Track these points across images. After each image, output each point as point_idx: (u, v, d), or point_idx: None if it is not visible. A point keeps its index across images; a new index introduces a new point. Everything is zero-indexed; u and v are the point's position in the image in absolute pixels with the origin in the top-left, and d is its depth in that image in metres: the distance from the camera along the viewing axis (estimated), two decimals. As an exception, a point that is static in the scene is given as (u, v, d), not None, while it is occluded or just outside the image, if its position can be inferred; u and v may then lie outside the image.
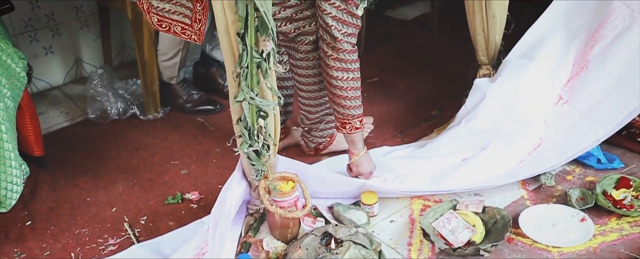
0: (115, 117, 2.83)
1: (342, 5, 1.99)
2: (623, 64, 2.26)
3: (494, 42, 2.56)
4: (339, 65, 2.08)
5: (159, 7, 2.11)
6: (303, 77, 2.31)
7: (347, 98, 2.14)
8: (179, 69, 2.82)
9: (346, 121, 2.18)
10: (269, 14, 1.65)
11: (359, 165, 2.26)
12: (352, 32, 2.04)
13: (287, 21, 2.14)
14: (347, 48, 2.05)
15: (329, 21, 2.01)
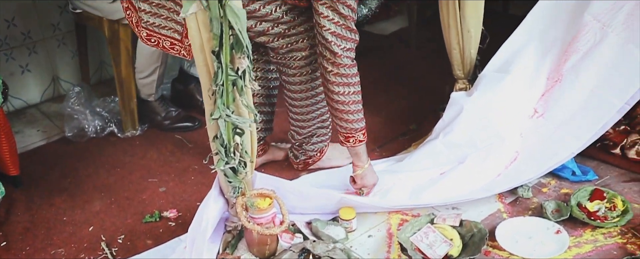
0: (93, 134, 2.82)
1: (340, 21, 2.00)
2: (595, 78, 2.30)
3: (470, 56, 2.59)
4: (340, 80, 2.08)
5: (148, 21, 2.10)
6: (295, 93, 2.32)
7: (350, 112, 2.14)
8: (157, 86, 2.81)
9: (350, 135, 2.19)
10: (243, 31, 1.66)
11: (364, 177, 2.26)
12: (350, 47, 2.05)
13: (279, 37, 2.16)
14: (347, 63, 2.06)
15: (328, 37, 2.01)
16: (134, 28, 2.17)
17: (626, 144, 2.42)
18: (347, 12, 1.98)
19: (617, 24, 2.27)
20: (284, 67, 2.26)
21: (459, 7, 2.49)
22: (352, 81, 2.09)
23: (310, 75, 2.27)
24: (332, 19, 1.99)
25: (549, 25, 2.46)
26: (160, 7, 2.06)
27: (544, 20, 2.48)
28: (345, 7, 1.97)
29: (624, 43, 2.25)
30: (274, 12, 2.08)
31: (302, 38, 2.18)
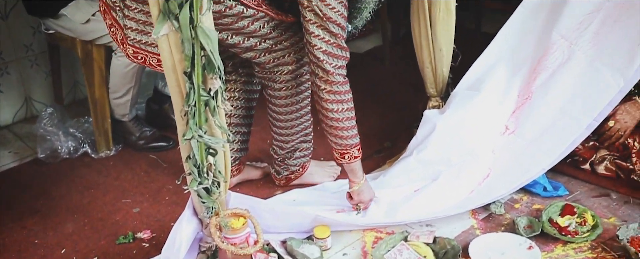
0: (66, 156, 2.79)
1: (331, 39, 2.02)
2: (564, 95, 2.34)
3: (442, 74, 2.63)
4: (334, 98, 2.09)
5: (135, 39, 2.09)
6: (280, 107, 2.34)
7: (344, 129, 2.16)
8: (131, 106, 2.80)
9: (344, 151, 2.20)
10: (215, 52, 1.67)
11: (361, 193, 2.28)
12: (342, 64, 2.07)
13: (266, 52, 2.18)
14: (339, 80, 2.07)
15: (320, 56, 2.03)
16: (119, 45, 2.17)
17: (595, 160, 2.46)
18: (337, 31, 2.01)
19: (584, 42, 2.32)
20: (270, 81, 2.28)
21: (430, 26, 2.53)
22: (345, 98, 2.11)
23: (295, 89, 2.30)
24: (323, 38, 2.01)
25: (519, 44, 2.51)
26: (147, 24, 2.06)
27: (513, 39, 2.53)
28: (335, 25, 2.00)
29: (590, 61, 2.30)
30: (262, 28, 2.11)
31: (288, 52, 2.20)
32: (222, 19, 2.05)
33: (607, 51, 2.28)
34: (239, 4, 2.03)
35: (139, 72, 2.66)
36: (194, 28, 1.63)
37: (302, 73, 2.29)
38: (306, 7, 2.00)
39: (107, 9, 2.15)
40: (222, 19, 2.05)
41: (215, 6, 2.01)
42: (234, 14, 2.04)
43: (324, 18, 1.98)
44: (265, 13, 2.09)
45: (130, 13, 2.06)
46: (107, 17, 2.16)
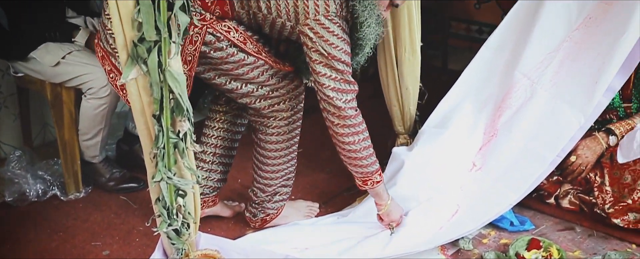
0: (35, 198, 2.76)
1: (338, 76, 2.08)
2: (528, 132, 2.41)
3: (409, 112, 2.69)
4: (349, 131, 2.15)
5: None
6: (270, 151, 2.37)
7: (363, 158, 2.20)
8: (101, 148, 2.80)
9: (367, 178, 2.25)
10: (183, 95, 1.70)
11: (390, 213, 2.34)
12: (352, 98, 2.14)
13: (262, 98, 2.23)
14: (351, 114, 2.13)
15: (329, 93, 2.09)
16: (118, 91, 2.21)
17: (560, 194, 2.52)
18: (343, 67, 2.08)
19: (545, 81, 2.41)
20: (263, 126, 2.33)
21: (396, 66, 2.60)
22: (359, 129, 2.17)
23: (287, 135, 2.35)
24: (330, 76, 2.07)
25: (483, 83, 2.58)
26: None
27: (478, 77, 2.60)
28: (340, 62, 2.07)
29: (552, 99, 2.38)
30: (260, 76, 2.18)
31: (284, 100, 2.27)
32: (223, 65, 2.13)
33: (567, 89, 2.36)
34: (240, 51, 2.11)
35: (109, 114, 2.67)
36: (162, 72, 1.66)
37: (295, 120, 2.36)
38: (310, 47, 2.06)
39: (106, 55, 2.20)
40: (223, 65, 2.13)
41: (217, 53, 2.09)
42: (235, 60, 2.12)
43: (329, 57, 2.05)
44: (264, 61, 2.16)
45: None
46: (106, 63, 2.20)
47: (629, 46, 2.23)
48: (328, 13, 2.03)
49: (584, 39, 2.37)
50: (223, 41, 2.09)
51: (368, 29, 2.08)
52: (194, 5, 2.05)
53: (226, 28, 2.10)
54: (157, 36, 1.62)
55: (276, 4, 2.05)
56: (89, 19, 2.72)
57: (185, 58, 2.08)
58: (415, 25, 2.53)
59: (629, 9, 2.24)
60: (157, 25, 1.61)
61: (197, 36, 2.05)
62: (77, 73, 2.55)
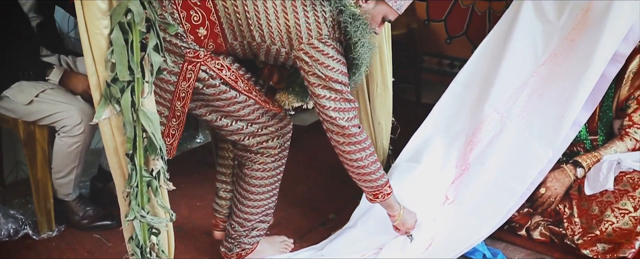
0: (6, 238, 2.72)
1: (337, 96, 2.11)
2: (499, 166, 2.45)
3: (382, 146, 2.72)
4: (355, 148, 2.18)
5: None
6: (254, 187, 2.39)
7: (371, 173, 2.24)
8: (75, 186, 2.78)
9: (377, 192, 2.28)
10: (157, 134, 1.72)
11: (405, 222, 2.39)
12: (353, 115, 2.17)
13: (251, 136, 2.27)
14: (355, 131, 2.16)
15: (332, 114, 2.12)
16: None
17: (531, 226, 2.56)
18: (341, 87, 2.11)
19: (514, 115, 2.46)
20: (250, 161, 2.35)
21: (369, 100, 2.64)
22: (365, 145, 2.20)
23: (272, 171, 2.38)
24: (330, 97, 2.11)
25: (454, 118, 2.64)
26: None
27: (448, 112, 2.65)
28: (338, 83, 2.10)
29: (521, 132, 2.43)
30: (251, 114, 2.23)
31: (273, 137, 2.31)
32: (215, 101, 2.17)
33: (536, 123, 2.42)
34: (232, 89, 2.16)
35: (82, 152, 2.66)
36: (135, 111, 1.68)
37: (281, 157, 2.39)
38: (307, 71, 2.10)
39: None
40: (215, 102, 2.17)
41: (210, 89, 2.13)
42: (227, 98, 2.16)
43: (327, 79, 2.08)
44: (254, 100, 2.21)
45: None
46: None
47: (593, 81, 2.30)
48: (321, 36, 2.07)
49: (550, 74, 2.44)
50: (216, 79, 2.13)
51: (362, 49, 2.12)
52: (187, 41, 2.09)
53: (219, 66, 2.14)
54: (131, 76, 1.64)
55: (269, 32, 2.09)
56: (63, 57, 2.73)
57: (178, 94, 2.11)
58: (386, 60, 2.59)
59: (591, 46, 2.32)
60: (130, 66, 1.63)
61: (190, 73, 2.09)
62: (50, 111, 2.55)
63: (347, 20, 2.06)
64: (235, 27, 2.09)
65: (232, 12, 2.07)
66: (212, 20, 2.08)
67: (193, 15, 2.08)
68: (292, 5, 2.05)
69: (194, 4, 2.08)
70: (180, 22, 2.07)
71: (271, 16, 2.06)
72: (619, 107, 2.50)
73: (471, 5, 3.67)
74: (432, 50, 3.99)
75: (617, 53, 2.33)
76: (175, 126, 2.17)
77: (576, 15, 2.41)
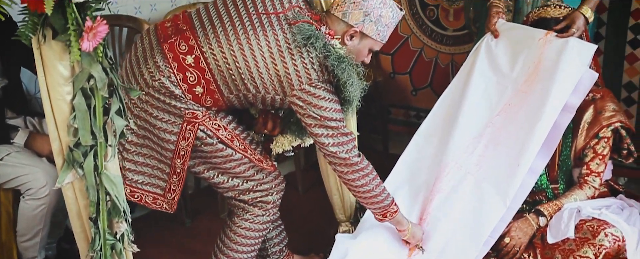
0: (-31, 304, 2.68)
1: (334, 132, 2.20)
2: (460, 214, 2.48)
3: (349, 201, 2.75)
4: (359, 175, 2.28)
5: (133, 179, 2.27)
6: (241, 237, 2.46)
7: (378, 195, 2.34)
8: (40, 248, 2.75)
9: (385, 211, 2.37)
10: (120, 196, 1.73)
11: (414, 236, 2.46)
12: (353, 146, 2.27)
13: (246, 192, 2.39)
14: (356, 160, 2.26)
15: (332, 149, 2.22)
16: None
17: (497, 274, 2.58)
18: (336, 124, 2.21)
19: (472, 165, 2.51)
20: (242, 211, 2.45)
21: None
22: (368, 170, 2.31)
23: (262, 225, 2.47)
24: (327, 134, 2.20)
25: (417, 169, 2.68)
26: (144, 165, 2.27)
27: (412, 164, 2.70)
28: (332, 121, 2.19)
29: (479, 182, 2.48)
30: (246, 171, 2.34)
31: (267, 194, 2.41)
32: (212, 159, 2.27)
33: (493, 172, 2.47)
34: (228, 148, 2.25)
35: (48, 214, 2.64)
36: (98, 175, 1.69)
37: (273, 213, 2.48)
38: (303, 114, 2.19)
39: None
40: (213, 159, 2.27)
41: (207, 147, 2.23)
42: (224, 155, 2.26)
43: (322, 119, 2.17)
44: (249, 159, 2.30)
45: (129, 155, 2.25)
46: None
47: (545, 131, 2.37)
48: (311, 81, 2.16)
49: (505, 124, 2.50)
50: (213, 138, 2.23)
51: (352, 87, 2.20)
52: (186, 102, 2.18)
53: (216, 126, 2.24)
54: (93, 141, 1.66)
55: (262, 83, 2.17)
56: (29, 119, 2.74)
57: (178, 153, 2.21)
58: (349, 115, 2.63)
59: (543, 97, 2.39)
60: (93, 130, 1.65)
61: (189, 133, 2.19)
62: (15, 174, 2.54)
63: (334, 63, 2.15)
64: (230, 83, 2.18)
65: (225, 70, 2.16)
66: (207, 78, 2.17)
67: (189, 76, 2.17)
68: (281, 56, 2.15)
69: (189, 66, 2.17)
70: (178, 84, 2.16)
71: (262, 69, 2.15)
72: (576, 156, 2.57)
73: (434, 58, 3.77)
74: (399, 102, 4.07)
75: (568, 104, 2.41)
76: (176, 182, 2.27)
77: (528, 68, 2.49)
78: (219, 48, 2.15)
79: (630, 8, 2.96)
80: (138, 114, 2.22)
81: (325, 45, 2.15)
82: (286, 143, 2.50)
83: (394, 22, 2.27)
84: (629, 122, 2.52)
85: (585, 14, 2.46)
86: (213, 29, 2.18)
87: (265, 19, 2.18)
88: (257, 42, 2.15)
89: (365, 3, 2.20)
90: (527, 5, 2.81)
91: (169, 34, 2.21)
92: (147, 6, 3.41)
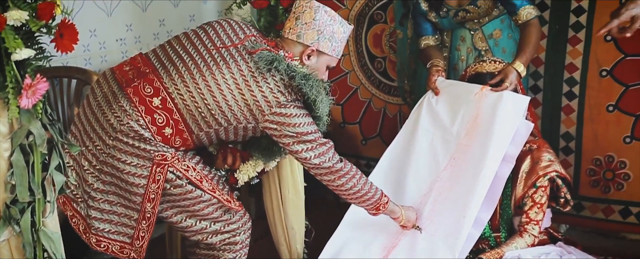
0: None
1: (312, 145, 2.23)
2: None
3: (296, 251, 2.76)
4: (346, 179, 2.32)
5: (99, 228, 2.22)
6: None
7: (367, 192, 2.38)
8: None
9: (377, 205, 2.42)
10: (58, 253, 1.72)
11: (409, 219, 2.52)
12: (332, 154, 2.29)
13: (214, 234, 2.36)
14: (340, 166, 2.30)
15: (314, 161, 2.25)
16: (81, 235, 2.24)
17: None
18: (313, 137, 2.23)
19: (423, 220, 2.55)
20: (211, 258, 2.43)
21: (282, 205, 2.70)
22: (353, 172, 2.34)
23: None
24: (306, 148, 2.22)
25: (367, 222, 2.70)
26: (111, 213, 2.24)
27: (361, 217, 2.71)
28: (308, 135, 2.22)
29: (429, 236, 2.51)
30: (214, 212, 2.32)
31: (235, 234, 2.40)
32: (181, 201, 2.25)
33: (442, 226, 2.51)
34: (197, 188, 2.23)
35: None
36: (36, 231, 1.68)
37: (242, 254, 2.47)
38: (278, 136, 2.22)
39: (67, 200, 2.26)
40: (182, 201, 2.25)
41: (177, 189, 2.21)
42: (193, 197, 2.24)
43: (298, 136, 2.20)
44: (217, 199, 2.28)
45: (95, 203, 2.21)
46: (67, 208, 2.25)
47: (488, 182, 2.45)
48: (280, 103, 2.18)
49: (451, 178, 2.57)
50: (183, 179, 2.21)
51: (322, 104, 2.25)
52: (156, 145, 2.17)
53: (185, 167, 2.23)
54: (31, 197, 1.66)
55: (233, 114, 2.19)
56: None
57: (148, 196, 2.19)
58: (296, 165, 2.67)
59: (483, 149, 2.48)
60: (31, 187, 1.65)
61: (159, 175, 2.17)
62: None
63: (301, 82, 2.18)
64: (200, 120, 2.19)
65: (193, 108, 2.18)
66: (175, 119, 2.18)
67: (157, 118, 2.17)
68: (247, 85, 2.17)
69: (156, 108, 2.17)
70: (147, 127, 2.16)
71: (231, 101, 2.17)
72: (516, 205, 2.65)
73: (383, 109, 3.86)
74: (349, 151, 4.11)
75: (507, 155, 2.50)
76: (145, 228, 2.24)
77: (467, 122, 2.58)
78: (185, 87, 2.17)
79: (564, 62, 3.09)
80: (104, 160, 2.19)
81: (288, 67, 2.20)
82: (250, 170, 2.52)
83: (345, 36, 2.37)
84: (564, 172, 2.62)
85: (518, 68, 2.58)
86: (176, 69, 2.20)
87: (224, 52, 2.22)
88: (222, 75, 2.17)
89: (316, 22, 2.28)
90: (461, 61, 2.94)
91: (131, 77, 2.21)
92: (98, 57, 3.41)
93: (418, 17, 2.94)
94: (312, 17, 2.28)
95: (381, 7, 3.58)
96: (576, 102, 3.12)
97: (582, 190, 3.21)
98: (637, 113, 3.00)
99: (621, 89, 3.00)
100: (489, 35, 2.86)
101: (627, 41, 2.89)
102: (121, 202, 2.24)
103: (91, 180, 2.20)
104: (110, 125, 2.18)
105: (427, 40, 2.93)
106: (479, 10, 2.80)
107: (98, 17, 3.36)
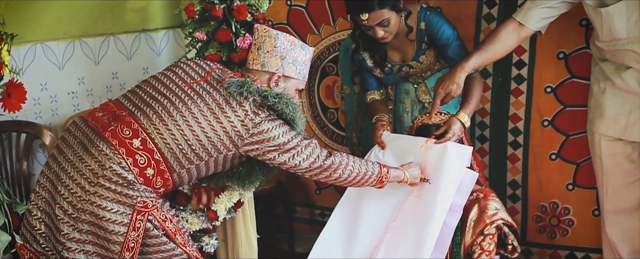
0: None
1: (298, 150, 2.25)
2: None
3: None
4: (342, 169, 2.36)
5: None
6: None
7: (367, 172, 2.43)
8: None
9: (380, 178, 2.47)
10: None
11: (414, 176, 2.57)
12: (319, 150, 2.32)
13: None
14: (330, 162, 2.33)
15: (304, 165, 2.28)
16: None
17: None
18: (295, 142, 2.25)
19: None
20: None
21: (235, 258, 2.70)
22: (346, 160, 2.38)
23: None
24: (292, 156, 2.26)
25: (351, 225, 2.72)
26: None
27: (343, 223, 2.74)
28: (290, 142, 2.24)
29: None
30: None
31: None
32: (152, 254, 2.21)
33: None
34: (171, 241, 2.21)
35: None
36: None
37: None
38: (262, 154, 2.24)
39: (35, 256, 2.18)
40: (153, 254, 2.21)
41: (152, 239, 2.18)
42: (167, 249, 2.22)
43: (280, 147, 2.22)
44: (188, 255, 2.25)
45: (70, 254, 2.14)
46: None
47: (436, 231, 2.50)
48: (256, 124, 2.20)
49: (401, 228, 2.62)
50: (159, 230, 2.20)
51: (300, 121, 2.30)
52: (139, 189, 2.15)
53: (163, 217, 2.21)
54: (-26, 258, 1.63)
55: (213, 146, 2.20)
56: None
57: (128, 245, 2.14)
58: (249, 218, 2.68)
59: (431, 200, 2.54)
60: (-25, 248, 1.63)
61: (139, 223, 2.14)
62: None
63: (274, 100, 2.22)
64: (181, 157, 2.19)
65: (174, 146, 2.18)
66: (156, 159, 2.17)
67: (139, 159, 2.15)
68: (222, 112, 2.20)
69: (137, 149, 2.15)
70: (130, 169, 2.14)
71: (210, 132, 2.19)
72: (466, 253, 2.70)
73: (336, 158, 3.91)
74: (304, 200, 4.14)
75: (454, 204, 2.57)
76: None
77: (414, 174, 2.65)
78: (164, 126, 2.18)
79: (508, 113, 3.21)
80: (82, 207, 2.12)
81: (259, 88, 2.25)
82: (226, 201, 2.54)
83: (308, 58, 2.44)
84: (510, 219, 2.69)
85: (462, 119, 2.67)
86: (152, 109, 2.21)
87: (196, 86, 2.26)
88: (198, 108, 2.20)
89: (277, 49, 2.35)
90: (406, 114, 3.04)
91: (106, 122, 2.20)
92: (49, 111, 3.39)
93: (364, 73, 3.04)
94: (273, 45, 2.35)
95: (332, 60, 3.67)
96: (521, 151, 3.23)
97: (529, 236, 3.30)
98: (578, 161, 3.13)
99: (562, 138, 3.13)
100: (431, 88, 2.95)
101: (566, 92, 3.04)
102: (98, 251, 2.16)
103: (66, 229, 2.13)
104: (91, 170, 2.13)
105: (373, 94, 3.02)
106: (422, 66, 2.91)
107: (49, 70, 3.35)
